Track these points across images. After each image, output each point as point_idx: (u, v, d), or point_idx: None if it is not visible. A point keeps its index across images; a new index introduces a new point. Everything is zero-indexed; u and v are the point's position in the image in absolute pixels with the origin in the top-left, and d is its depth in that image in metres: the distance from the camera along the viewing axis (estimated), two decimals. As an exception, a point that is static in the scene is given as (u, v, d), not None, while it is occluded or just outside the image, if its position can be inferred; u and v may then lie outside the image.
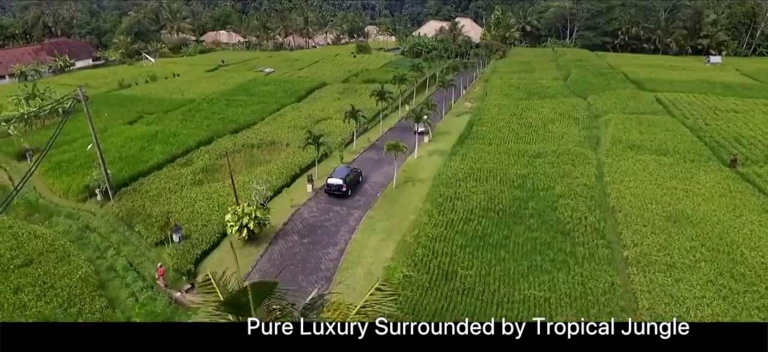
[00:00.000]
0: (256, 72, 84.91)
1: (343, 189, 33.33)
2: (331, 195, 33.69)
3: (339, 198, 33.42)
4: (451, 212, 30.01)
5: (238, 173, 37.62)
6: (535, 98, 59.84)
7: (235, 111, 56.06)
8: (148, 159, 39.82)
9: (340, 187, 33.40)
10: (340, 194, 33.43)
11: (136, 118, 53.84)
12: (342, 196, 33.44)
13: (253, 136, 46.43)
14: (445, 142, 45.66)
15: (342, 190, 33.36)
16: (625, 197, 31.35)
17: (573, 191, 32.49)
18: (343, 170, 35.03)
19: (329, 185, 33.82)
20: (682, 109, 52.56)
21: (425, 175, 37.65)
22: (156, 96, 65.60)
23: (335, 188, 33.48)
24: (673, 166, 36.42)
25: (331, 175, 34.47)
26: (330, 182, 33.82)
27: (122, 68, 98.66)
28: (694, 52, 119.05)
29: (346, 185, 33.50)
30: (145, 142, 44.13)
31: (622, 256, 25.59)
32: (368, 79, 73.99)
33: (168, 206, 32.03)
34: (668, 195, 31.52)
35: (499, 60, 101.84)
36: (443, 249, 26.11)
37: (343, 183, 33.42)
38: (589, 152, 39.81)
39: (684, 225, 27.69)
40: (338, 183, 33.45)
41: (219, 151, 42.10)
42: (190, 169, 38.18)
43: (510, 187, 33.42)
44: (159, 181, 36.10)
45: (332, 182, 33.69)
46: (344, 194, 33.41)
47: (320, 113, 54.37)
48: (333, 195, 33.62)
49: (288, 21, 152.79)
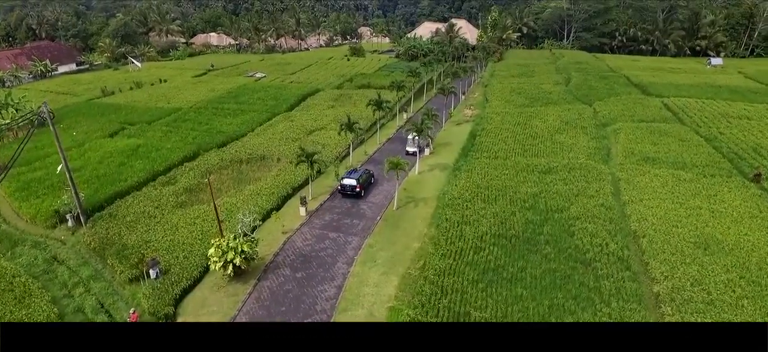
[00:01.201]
0: (246, 77, 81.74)
1: (357, 189, 34.40)
2: (345, 195, 34.87)
3: (352, 198, 34.69)
4: (459, 239, 27.26)
5: (224, 194, 34.69)
6: (539, 105, 57.33)
7: (224, 121, 53.00)
8: (127, 177, 36.70)
9: (353, 187, 34.45)
10: (353, 194, 34.55)
11: (117, 130, 50.61)
12: (356, 196, 34.56)
13: (242, 149, 43.41)
14: (447, 155, 42.95)
15: (356, 190, 34.42)
16: (647, 219, 28.77)
17: (590, 213, 29.87)
18: (356, 172, 36.21)
19: (343, 186, 34.84)
20: (693, 117, 50.26)
21: (428, 193, 34.90)
22: (140, 104, 62.34)
23: (349, 189, 34.54)
24: (693, 182, 33.94)
25: (345, 176, 35.52)
26: (344, 183, 34.86)
27: (107, 73, 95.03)
28: (693, 53, 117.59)
29: (359, 185, 34.57)
30: (126, 158, 40.99)
31: (652, 291, 22.98)
32: (363, 85, 71.18)
33: (146, 234, 29.03)
34: (693, 216, 28.98)
35: (497, 63, 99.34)
36: (453, 285, 23.36)
37: (356, 183, 34.49)
38: (602, 166, 37.26)
39: (716, 253, 25.14)
40: (352, 184, 34.50)
41: (205, 168, 39.15)
42: (172, 189, 35.14)
43: (521, 208, 30.73)
44: (138, 203, 33.04)
45: (346, 182, 34.74)
46: (358, 194, 34.53)
47: (313, 123, 51.46)
48: (347, 195, 34.77)
49: (279, 23, 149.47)
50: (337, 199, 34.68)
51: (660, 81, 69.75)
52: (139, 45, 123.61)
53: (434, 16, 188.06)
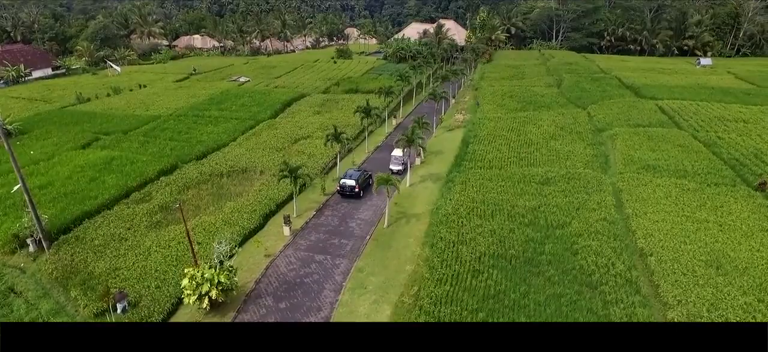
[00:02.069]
0: (229, 82, 78.98)
1: (356, 190, 34.65)
2: (344, 196, 35.06)
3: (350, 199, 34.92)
4: (455, 261, 25.32)
5: (203, 212, 32.32)
6: (531, 109, 55.76)
7: (204, 130, 50.44)
8: (97, 195, 34.06)
9: (352, 188, 34.72)
10: (352, 194, 34.79)
11: (91, 141, 47.71)
12: (354, 196, 34.82)
13: (223, 161, 40.98)
14: (440, 164, 41.04)
15: (355, 191, 34.69)
16: (653, 234, 27.14)
17: (592, 228, 28.16)
18: (355, 172, 36.35)
19: (342, 186, 35.08)
20: (689, 120, 49.06)
21: (420, 208, 32.92)
22: (117, 112, 59.39)
23: (349, 189, 34.80)
24: (697, 191, 32.48)
25: (344, 176, 35.85)
26: (343, 183, 35.09)
27: (84, 78, 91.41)
28: (680, 52, 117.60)
29: (358, 185, 34.79)
30: (97, 172, 38.29)
31: (665, 318, 21.26)
32: (350, 89, 68.97)
33: (116, 260, 26.60)
34: (701, 231, 27.43)
35: (486, 64, 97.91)
36: (451, 315, 21.40)
37: (355, 184, 34.74)
38: (602, 176, 35.65)
39: (730, 273, 23.56)
40: (351, 184, 34.78)
41: (182, 183, 36.70)
42: (146, 208, 32.64)
43: (520, 224, 28.90)
44: (108, 224, 30.50)
45: (346, 183, 35.00)
46: (357, 194, 34.78)
47: (299, 131, 49.16)
48: (346, 196, 34.99)
49: (264, 24, 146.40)
50: (324, 216, 32.53)
51: (652, 82, 68.77)
52: (119, 48, 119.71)
53: (421, 16, 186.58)
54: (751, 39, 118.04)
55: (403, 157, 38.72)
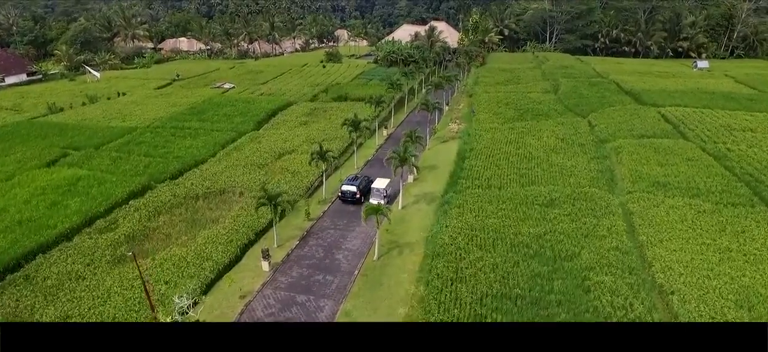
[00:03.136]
0: (212, 89, 75.53)
1: (357, 196, 34.59)
2: (345, 202, 35.05)
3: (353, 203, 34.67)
4: (454, 303, 22.45)
5: (174, 242, 29.13)
6: (529, 118, 53.11)
7: (182, 144, 47.16)
8: (56, 223, 30.75)
9: (353, 194, 34.68)
10: (354, 200, 34.64)
11: (58, 157, 44.23)
12: (356, 202, 34.53)
13: (200, 181, 37.79)
14: (434, 182, 38.19)
15: (356, 197, 34.59)
16: (673, 267, 24.48)
17: (605, 260, 25.45)
18: (356, 179, 36.41)
19: (344, 193, 35.04)
20: (694, 129, 46.67)
21: (414, 236, 30.01)
22: (91, 123, 55.88)
23: (350, 195, 34.81)
24: (714, 213, 29.92)
25: (345, 182, 35.82)
26: (344, 190, 35.06)
27: (61, 85, 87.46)
28: (675, 54, 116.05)
29: (359, 191, 34.70)
30: (60, 195, 34.96)
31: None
32: (339, 97, 65.92)
33: (69, 305, 23.41)
34: (726, 263, 24.83)
35: (480, 67, 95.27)
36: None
37: (356, 190, 34.68)
38: (609, 196, 32.99)
39: (764, 316, 20.92)
40: (352, 190, 34.77)
41: (154, 207, 33.49)
42: (110, 238, 29.42)
43: (525, 256, 26.11)
44: (65, 259, 27.24)
45: (347, 189, 34.96)
46: (358, 200, 34.52)
47: (283, 144, 46.05)
48: (347, 202, 34.93)
49: (252, 27, 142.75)
50: (308, 246, 29.47)
51: (651, 87, 66.49)
52: (100, 52, 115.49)
53: (413, 17, 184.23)
54: (744, 40, 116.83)
55: (387, 189, 34.34)
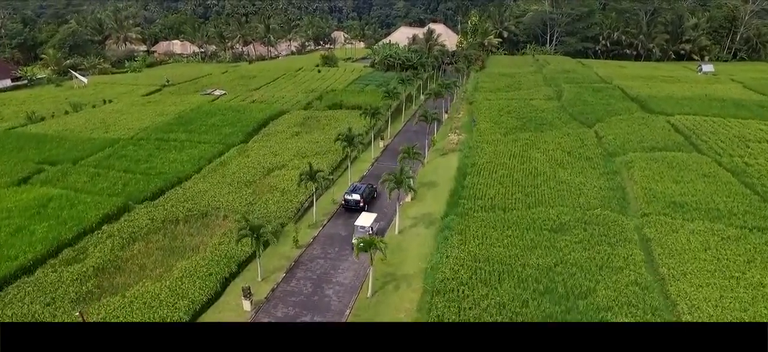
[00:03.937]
0: (202, 96, 72.74)
1: (361, 204, 34.43)
2: (348, 209, 34.73)
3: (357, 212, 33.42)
4: (457, 354, 19.82)
5: (148, 276, 26.44)
6: (532, 128, 50.54)
7: (166, 158, 44.43)
8: (18, 253, 27.99)
9: (357, 202, 34.53)
10: (357, 208, 34.17)
11: (32, 173, 41.43)
12: (359, 210, 33.68)
13: (181, 202, 35.08)
14: (433, 202, 35.57)
15: (359, 205, 34.40)
16: (701, 308, 21.94)
17: (623, 298, 22.90)
18: (359, 186, 36.32)
19: (347, 201, 34.87)
20: (708, 141, 44.18)
21: (412, 266, 27.38)
22: (71, 135, 53.06)
23: (353, 204, 34.60)
24: (740, 241, 27.37)
25: (348, 191, 35.63)
26: (348, 199, 34.94)
27: (46, 91, 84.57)
28: (677, 57, 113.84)
29: (363, 199, 34.66)
30: (27, 219, 32.19)
31: None
32: (334, 104, 63.23)
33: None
34: (759, 302, 22.30)
35: (479, 71, 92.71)
36: None
37: (360, 198, 34.66)
38: (623, 219, 30.43)
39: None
40: (356, 199, 34.64)
41: (129, 232, 30.78)
42: (77, 270, 26.68)
43: (534, 293, 23.52)
44: (22, 297, 24.51)
45: (350, 198, 34.82)
46: (362, 208, 34.04)
47: (273, 159, 43.37)
48: (351, 209, 34.53)
49: (247, 29, 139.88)
50: (295, 279, 26.82)
51: (658, 94, 64.02)
52: (89, 56, 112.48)
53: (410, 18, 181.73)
54: (747, 42, 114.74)
55: (373, 225, 29.71)
